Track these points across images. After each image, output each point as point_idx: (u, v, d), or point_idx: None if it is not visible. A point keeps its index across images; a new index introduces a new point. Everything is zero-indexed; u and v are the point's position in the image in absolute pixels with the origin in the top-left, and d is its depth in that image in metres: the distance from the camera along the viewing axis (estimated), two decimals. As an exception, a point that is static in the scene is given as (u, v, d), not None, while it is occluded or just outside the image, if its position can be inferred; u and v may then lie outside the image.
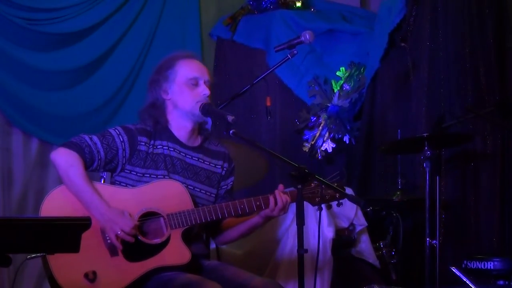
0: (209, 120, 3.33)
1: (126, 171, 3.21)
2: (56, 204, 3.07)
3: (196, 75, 3.27)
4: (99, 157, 3.16)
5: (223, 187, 3.39)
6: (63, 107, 4.93)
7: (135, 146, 3.21)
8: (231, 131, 3.02)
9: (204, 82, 3.27)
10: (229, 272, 3.17)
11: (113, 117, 5.11)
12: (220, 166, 3.38)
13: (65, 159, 3.12)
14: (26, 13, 4.70)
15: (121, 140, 3.20)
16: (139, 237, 3.07)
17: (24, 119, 4.80)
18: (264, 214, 3.22)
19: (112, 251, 3.05)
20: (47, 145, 4.88)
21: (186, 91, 3.25)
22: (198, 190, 3.29)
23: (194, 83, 3.26)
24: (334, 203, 3.20)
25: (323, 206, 3.21)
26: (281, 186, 3.23)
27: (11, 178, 4.78)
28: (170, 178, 3.21)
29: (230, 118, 3.06)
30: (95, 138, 3.18)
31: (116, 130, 3.23)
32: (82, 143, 3.15)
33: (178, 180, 3.21)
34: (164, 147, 3.26)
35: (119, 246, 3.03)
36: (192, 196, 3.21)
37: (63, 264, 2.99)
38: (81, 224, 2.28)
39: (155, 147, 3.24)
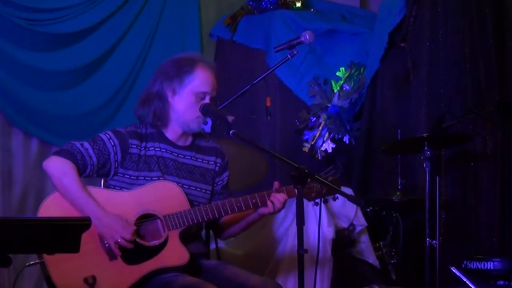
0: (209, 121, 3.32)
1: (119, 174, 3.21)
2: (52, 212, 3.05)
3: (207, 90, 3.25)
4: (92, 163, 3.16)
5: (218, 183, 3.38)
6: (63, 107, 4.93)
7: (127, 149, 3.21)
8: (231, 132, 3.02)
9: (210, 98, 3.27)
10: (228, 271, 3.17)
11: (113, 117, 5.11)
12: (213, 162, 3.37)
13: (58, 167, 3.10)
14: (26, 13, 4.71)
15: (112, 144, 3.20)
16: (137, 240, 3.07)
17: (24, 119, 4.80)
18: (262, 213, 3.22)
19: (111, 255, 3.05)
20: (47, 145, 4.89)
21: (191, 102, 3.23)
22: (194, 188, 3.28)
23: (202, 97, 3.25)
24: (330, 197, 3.20)
25: (319, 201, 3.20)
26: (276, 184, 3.22)
27: (11, 178, 4.78)
28: (165, 179, 3.21)
29: (230, 118, 3.07)
30: (86, 144, 3.17)
31: (107, 135, 3.22)
32: (74, 150, 3.14)
33: (173, 180, 3.21)
34: (156, 149, 3.25)
35: (118, 253, 3.03)
36: (188, 194, 3.20)
37: (62, 270, 2.99)
38: (80, 224, 2.28)
39: (147, 149, 3.24)
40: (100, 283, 3.00)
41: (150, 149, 3.24)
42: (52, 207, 3.07)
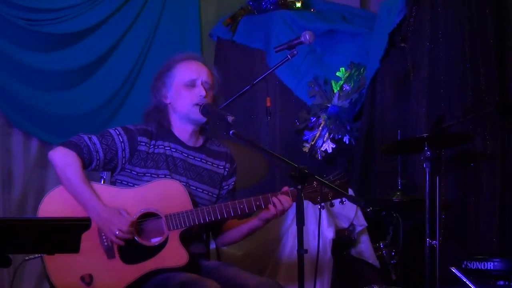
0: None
1: (126, 170, 3.21)
2: (54, 206, 3.07)
3: (193, 77, 3.26)
4: (98, 157, 3.16)
5: (224, 187, 3.38)
6: (63, 107, 4.94)
7: (135, 146, 3.21)
8: (231, 132, 3.02)
9: (202, 83, 3.26)
10: (228, 272, 3.17)
11: (113, 117, 5.11)
12: (222, 167, 3.38)
13: (62, 158, 3.11)
14: (26, 13, 4.71)
15: (121, 140, 3.20)
16: (136, 239, 3.07)
17: (24, 120, 4.80)
18: (264, 217, 3.22)
19: (109, 253, 3.05)
20: (47, 145, 4.88)
21: (183, 94, 3.25)
22: (201, 190, 3.28)
23: (192, 85, 3.26)
24: (336, 201, 3.20)
25: (324, 204, 3.20)
26: (285, 188, 3.22)
27: (11, 178, 4.79)
28: (171, 177, 3.21)
29: (230, 118, 3.07)
30: (94, 138, 3.18)
31: (116, 131, 3.22)
32: (81, 143, 3.14)
33: (182, 181, 3.21)
34: (166, 147, 3.26)
35: (120, 242, 3.02)
36: (195, 196, 3.20)
37: (59, 267, 2.99)
38: (80, 225, 2.28)
39: (156, 147, 3.24)
40: (97, 281, 3.00)
41: (160, 147, 3.25)
42: (54, 201, 3.08)
